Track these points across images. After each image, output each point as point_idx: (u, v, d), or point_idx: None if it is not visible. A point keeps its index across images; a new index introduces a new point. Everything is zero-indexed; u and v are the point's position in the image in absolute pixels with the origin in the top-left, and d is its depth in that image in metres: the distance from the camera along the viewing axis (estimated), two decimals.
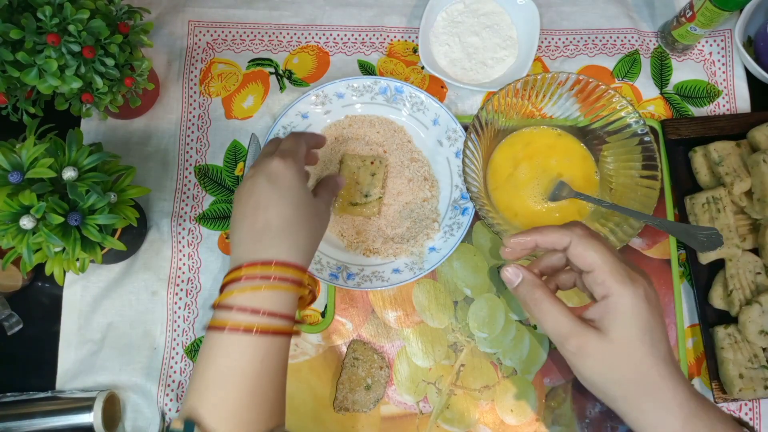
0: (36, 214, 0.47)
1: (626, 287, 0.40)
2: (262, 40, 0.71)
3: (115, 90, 0.55)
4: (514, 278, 0.45)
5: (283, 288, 0.44)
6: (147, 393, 0.62)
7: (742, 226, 0.64)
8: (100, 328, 0.63)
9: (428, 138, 0.67)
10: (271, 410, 0.44)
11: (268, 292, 0.44)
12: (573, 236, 0.43)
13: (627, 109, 0.59)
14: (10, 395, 0.60)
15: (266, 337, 0.43)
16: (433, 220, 0.64)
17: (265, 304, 0.43)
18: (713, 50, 0.72)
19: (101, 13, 0.52)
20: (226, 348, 0.42)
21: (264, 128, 0.68)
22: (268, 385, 0.43)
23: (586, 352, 0.41)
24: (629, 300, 0.40)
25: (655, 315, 0.41)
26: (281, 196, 0.47)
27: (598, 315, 0.41)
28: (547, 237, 0.45)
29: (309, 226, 0.48)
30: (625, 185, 0.61)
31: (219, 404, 0.42)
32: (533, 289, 0.44)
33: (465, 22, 0.71)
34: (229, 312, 0.43)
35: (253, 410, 0.42)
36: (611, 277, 0.41)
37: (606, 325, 0.40)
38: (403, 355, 0.63)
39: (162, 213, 0.66)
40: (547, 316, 0.42)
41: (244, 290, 0.43)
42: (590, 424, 0.62)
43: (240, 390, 0.42)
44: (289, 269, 0.45)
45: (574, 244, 0.43)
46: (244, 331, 0.42)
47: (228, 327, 0.42)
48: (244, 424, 0.42)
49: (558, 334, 0.42)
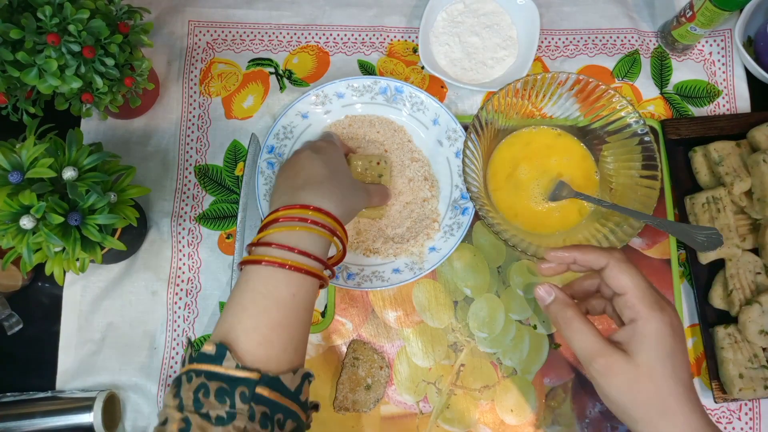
0: (36, 214, 0.47)
1: (654, 313, 0.43)
2: (262, 40, 0.71)
3: (115, 90, 0.55)
4: (547, 296, 0.48)
5: (317, 232, 0.48)
6: (147, 393, 0.62)
7: (742, 226, 0.64)
8: (100, 328, 0.63)
9: (428, 138, 0.67)
10: (296, 348, 0.45)
11: (304, 233, 0.47)
12: (611, 259, 0.45)
13: (627, 109, 0.59)
14: (10, 395, 0.60)
15: (299, 275, 0.46)
16: (433, 220, 0.64)
17: (300, 243, 0.47)
18: (713, 50, 0.72)
19: (101, 13, 0.52)
20: (263, 279, 0.45)
21: (264, 128, 0.68)
22: (298, 321, 0.46)
23: (611, 372, 0.42)
24: (656, 325, 0.42)
25: (679, 342, 0.43)
26: (322, 161, 0.54)
27: (625, 338, 0.43)
28: (586, 255, 0.47)
29: (344, 189, 0.53)
30: (625, 185, 0.61)
31: (252, 329, 0.43)
32: (565, 309, 0.46)
33: (465, 22, 0.71)
34: (266, 248, 0.46)
35: (284, 342, 0.44)
36: (641, 302, 0.43)
37: (633, 348, 0.42)
38: (403, 355, 0.63)
39: (162, 213, 0.66)
40: (577, 335, 0.45)
41: (281, 229, 0.47)
42: (590, 424, 0.62)
43: (274, 319, 0.44)
44: (323, 215, 0.49)
45: (611, 266, 0.45)
46: (280, 265, 0.45)
47: (265, 260, 0.45)
48: (275, 354, 0.43)
49: (586, 353, 0.44)
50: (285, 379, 0.42)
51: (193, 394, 0.40)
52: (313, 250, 0.47)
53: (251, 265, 0.46)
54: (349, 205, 0.53)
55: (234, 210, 0.66)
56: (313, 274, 0.47)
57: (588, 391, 0.62)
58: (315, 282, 0.47)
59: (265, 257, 0.46)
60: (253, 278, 0.46)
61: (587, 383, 0.63)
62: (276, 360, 0.43)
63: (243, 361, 0.42)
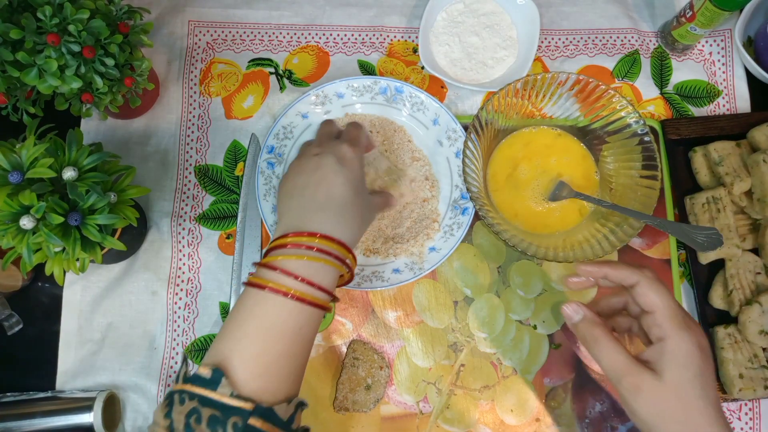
0: (36, 214, 0.47)
1: (683, 333, 0.43)
2: (262, 40, 0.71)
3: (115, 90, 0.55)
4: (575, 315, 0.48)
5: (326, 262, 0.47)
6: (147, 393, 0.62)
7: (742, 226, 0.64)
8: (100, 328, 0.63)
9: (428, 138, 0.67)
10: (294, 379, 0.45)
11: (312, 263, 0.46)
12: (642, 277, 0.46)
13: (627, 109, 0.59)
14: (10, 395, 0.60)
15: (303, 306, 0.44)
16: (433, 220, 0.64)
17: (306, 273, 0.45)
18: (713, 50, 0.72)
19: (101, 13, 0.52)
20: (267, 306, 0.44)
21: (264, 128, 0.68)
22: (300, 352, 0.45)
23: (640, 390, 0.43)
24: (685, 345, 0.43)
25: (707, 362, 0.43)
26: (347, 179, 0.51)
27: (653, 357, 0.44)
28: (618, 272, 0.47)
29: (362, 214, 0.52)
30: (625, 185, 0.61)
31: (252, 359, 0.43)
32: (593, 327, 0.46)
33: (465, 22, 0.71)
34: (272, 272, 0.45)
35: (282, 373, 0.44)
36: (670, 321, 0.44)
37: (661, 367, 0.43)
38: (403, 355, 0.63)
39: (162, 213, 0.66)
40: (606, 353, 0.45)
41: (289, 257, 0.46)
42: (590, 424, 0.62)
43: (276, 350, 0.43)
44: (335, 245, 0.47)
45: (642, 284, 0.45)
46: (284, 294, 0.44)
47: (269, 287, 0.44)
48: (273, 385, 0.43)
49: (615, 371, 0.44)
50: (279, 410, 0.41)
51: (185, 418, 0.39)
52: (320, 280, 0.46)
53: (256, 289, 0.45)
54: (364, 227, 0.53)
55: (234, 210, 0.66)
56: (318, 305, 0.46)
57: (588, 391, 0.62)
58: (319, 313, 0.46)
59: (270, 283, 0.44)
60: (259, 303, 0.44)
61: (587, 383, 0.63)
62: (273, 391, 0.42)
63: (239, 390, 0.41)
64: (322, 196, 0.50)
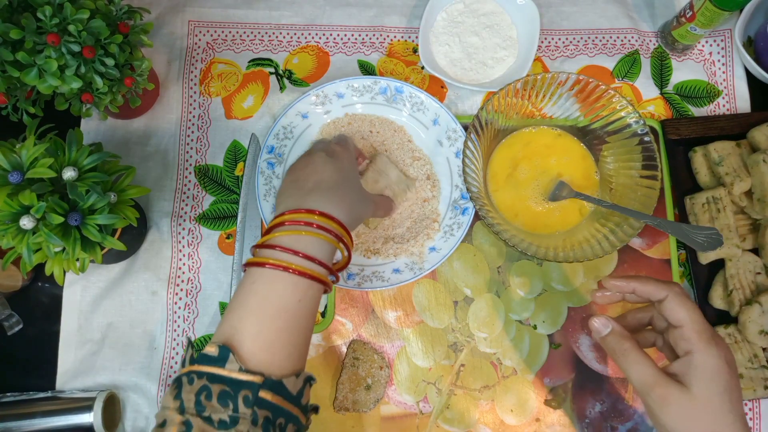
0: (36, 214, 0.47)
1: (711, 347, 0.44)
2: (262, 40, 0.71)
3: (115, 90, 0.55)
4: (603, 329, 0.49)
5: (322, 237, 0.48)
6: (147, 393, 0.62)
7: (742, 226, 0.64)
8: (100, 328, 0.63)
9: (428, 138, 0.67)
10: (299, 352, 0.45)
11: (309, 238, 0.47)
12: (670, 292, 0.46)
13: (627, 109, 0.59)
14: (10, 395, 0.60)
15: (304, 280, 0.45)
16: (433, 220, 0.64)
17: (305, 248, 0.46)
18: (713, 50, 0.72)
19: (101, 13, 0.52)
20: (268, 282, 0.45)
21: (264, 128, 0.68)
22: (302, 326, 0.46)
23: (668, 402, 0.44)
24: (713, 360, 0.43)
25: (734, 377, 0.44)
26: (336, 167, 0.54)
27: (681, 370, 0.44)
28: (646, 286, 0.48)
29: (353, 197, 0.53)
30: (625, 185, 0.61)
31: (257, 334, 0.43)
32: (622, 341, 0.47)
33: (465, 22, 0.71)
34: (271, 251, 0.46)
35: (287, 346, 0.44)
36: (698, 336, 0.44)
37: (689, 381, 0.43)
38: (403, 355, 0.63)
39: (162, 213, 0.66)
40: (635, 366, 0.45)
41: (287, 232, 0.47)
42: (590, 424, 0.62)
43: (279, 324, 0.44)
44: (330, 221, 0.49)
45: (670, 299, 0.46)
46: (284, 269, 0.45)
47: (269, 263, 0.45)
48: (278, 358, 0.43)
49: (643, 383, 0.45)
50: (288, 383, 0.42)
51: (195, 396, 0.40)
52: (319, 255, 0.47)
53: (256, 267, 0.46)
54: (356, 214, 0.53)
55: (234, 210, 0.66)
56: (318, 280, 0.46)
57: (588, 391, 0.62)
58: (319, 287, 0.47)
59: (270, 260, 0.45)
60: (258, 281, 0.45)
61: (587, 383, 0.63)
62: (279, 364, 0.43)
63: (246, 365, 0.41)
64: (311, 184, 0.52)
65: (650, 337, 0.52)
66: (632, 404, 0.62)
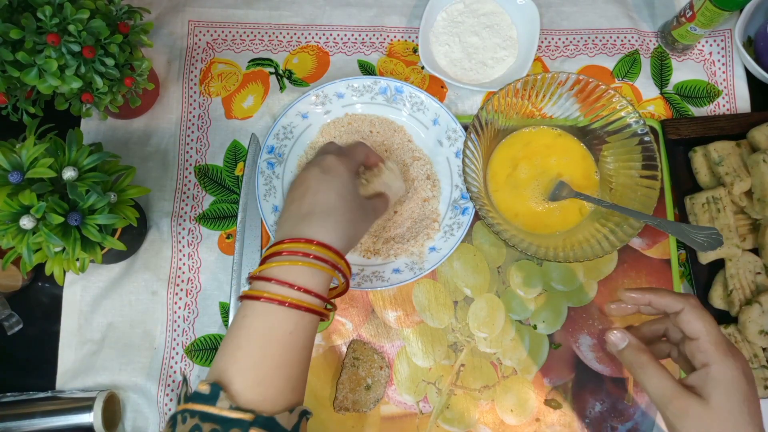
0: (36, 214, 0.47)
1: (728, 359, 0.44)
2: (262, 40, 0.71)
3: (115, 90, 0.55)
4: (620, 342, 0.49)
5: (318, 267, 0.46)
6: (147, 393, 0.62)
7: (742, 226, 0.64)
8: (100, 328, 0.63)
9: (428, 138, 0.67)
10: (294, 386, 0.45)
11: (305, 269, 0.46)
12: (686, 304, 0.47)
13: (627, 109, 0.59)
14: (10, 395, 0.60)
15: (298, 312, 0.45)
16: (433, 220, 0.64)
17: (300, 280, 0.45)
18: (713, 50, 0.72)
19: (101, 13, 0.52)
20: (260, 316, 0.44)
21: (264, 128, 0.68)
22: (296, 359, 0.45)
23: (687, 415, 0.44)
24: (731, 372, 0.44)
25: (753, 389, 0.44)
26: (331, 185, 0.51)
27: (698, 382, 0.45)
28: (662, 299, 0.48)
29: (352, 217, 0.51)
30: (625, 185, 0.61)
31: (248, 369, 0.43)
32: (639, 354, 0.47)
33: (465, 22, 0.71)
34: (266, 283, 0.45)
35: (280, 381, 0.44)
36: (715, 348, 0.45)
37: (707, 392, 0.44)
38: (403, 355, 0.63)
39: (162, 213, 0.66)
40: (653, 379, 0.46)
41: (282, 263, 0.46)
42: (590, 424, 0.62)
43: (270, 358, 0.43)
44: (327, 251, 0.47)
45: (687, 311, 0.46)
46: (279, 303, 0.44)
47: (263, 297, 0.44)
48: (270, 393, 0.43)
49: (661, 396, 0.45)
50: (281, 419, 0.41)
51: None
52: (314, 286, 0.46)
53: (249, 300, 0.45)
54: (355, 233, 0.52)
55: (234, 210, 0.66)
56: (313, 311, 0.45)
57: (588, 391, 0.62)
58: (314, 318, 0.46)
59: (264, 293, 0.44)
60: (250, 315, 0.44)
61: (587, 383, 0.63)
62: (272, 400, 0.42)
63: (237, 402, 0.41)
64: (306, 207, 0.50)
65: (665, 348, 0.52)
66: (632, 404, 0.62)
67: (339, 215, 0.50)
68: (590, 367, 0.63)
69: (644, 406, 0.62)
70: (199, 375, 0.63)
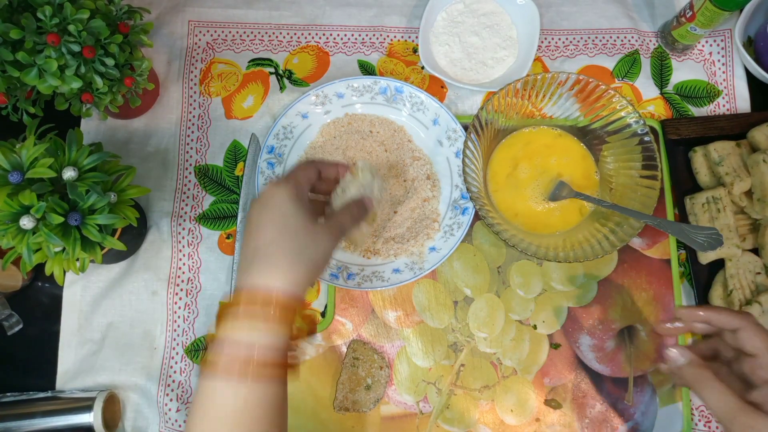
0: (36, 214, 0.47)
1: None
2: (262, 40, 0.71)
3: (115, 90, 0.55)
4: (681, 358, 0.48)
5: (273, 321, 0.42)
6: (147, 393, 0.62)
7: (742, 226, 0.64)
8: (100, 328, 0.63)
9: (428, 138, 0.67)
10: None
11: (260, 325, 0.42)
12: (744, 322, 0.47)
13: (627, 109, 0.59)
14: (10, 395, 0.60)
15: (250, 381, 0.41)
16: (433, 220, 0.64)
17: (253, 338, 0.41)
18: (713, 50, 0.72)
19: (101, 13, 0.52)
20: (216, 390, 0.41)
21: (264, 128, 0.68)
22: (267, 425, 0.42)
23: (753, 430, 0.43)
24: None
25: None
26: (268, 218, 0.46)
27: (763, 399, 0.45)
28: (721, 316, 0.48)
29: (296, 246, 0.45)
30: (625, 185, 0.61)
31: None
32: (701, 370, 0.47)
33: (465, 22, 0.71)
34: (220, 348, 0.41)
35: None
36: None
37: None
38: (403, 355, 0.63)
39: (162, 213, 0.66)
40: (716, 395, 0.45)
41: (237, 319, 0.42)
42: (590, 424, 0.62)
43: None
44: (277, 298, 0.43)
45: (746, 328, 0.46)
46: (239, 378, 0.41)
47: (220, 371, 0.41)
48: None
49: (726, 412, 0.45)
50: None
51: None
52: (270, 342, 0.42)
53: (207, 376, 0.41)
54: (311, 259, 0.46)
55: (234, 210, 0.66)
56: (269, 375, 0.42)
57: (588, 391, 0.62)
58: (277, 377, 0.42)
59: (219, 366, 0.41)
60: (204, 388, 0.41)
61: (587, 383, 0.63)
62: None
63: None
64: (251, 249, 0.46)
65: (715, 367, 0.52)
66: (632, 404, 0.62)
67: (279, 249, 0.45)
68: (590, 367, 0.63)
69: (644, 406, 0.62)
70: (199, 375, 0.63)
